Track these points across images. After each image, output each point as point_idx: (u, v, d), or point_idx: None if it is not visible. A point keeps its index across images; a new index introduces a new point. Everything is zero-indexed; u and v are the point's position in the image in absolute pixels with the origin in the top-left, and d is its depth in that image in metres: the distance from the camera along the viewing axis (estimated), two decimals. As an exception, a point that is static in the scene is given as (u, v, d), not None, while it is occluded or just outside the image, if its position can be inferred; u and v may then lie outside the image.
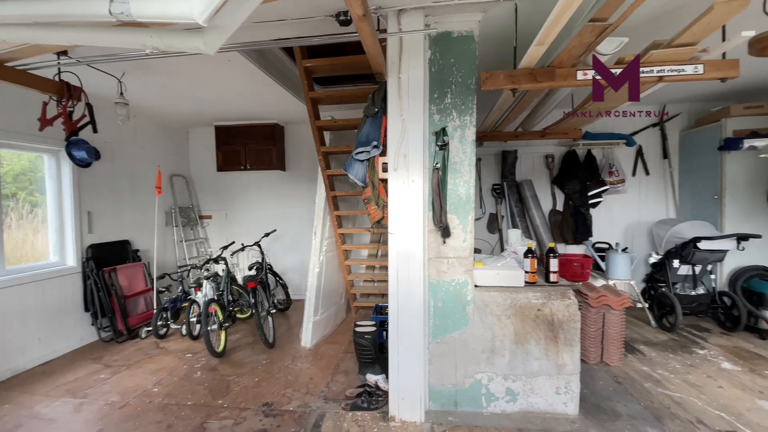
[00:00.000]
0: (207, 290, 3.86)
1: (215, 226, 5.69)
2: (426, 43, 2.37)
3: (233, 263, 5.16)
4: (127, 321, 3.95)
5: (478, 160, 5.17)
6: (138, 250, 4.51)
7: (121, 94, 3.40)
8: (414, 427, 2.37)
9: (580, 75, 2.06)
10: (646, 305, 4.14)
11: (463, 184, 2.42)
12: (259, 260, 4.71)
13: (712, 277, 3.98)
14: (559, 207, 5.06)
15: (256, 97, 4.09)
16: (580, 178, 4.74)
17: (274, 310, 4.12)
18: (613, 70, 2.00)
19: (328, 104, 3.68)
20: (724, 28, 2.12)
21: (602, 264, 4.43)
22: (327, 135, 3.91)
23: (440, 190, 2.28)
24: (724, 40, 2.00)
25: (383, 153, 2.46)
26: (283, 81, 3.64)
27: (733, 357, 3.24)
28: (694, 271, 3.84)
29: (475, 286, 2.49)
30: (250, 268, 4.54)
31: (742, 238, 3.59)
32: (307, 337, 3.70)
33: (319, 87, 4.03)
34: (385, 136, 2.39)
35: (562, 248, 4.98)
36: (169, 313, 4.07)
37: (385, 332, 3.24)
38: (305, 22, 2.39)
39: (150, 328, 3.97)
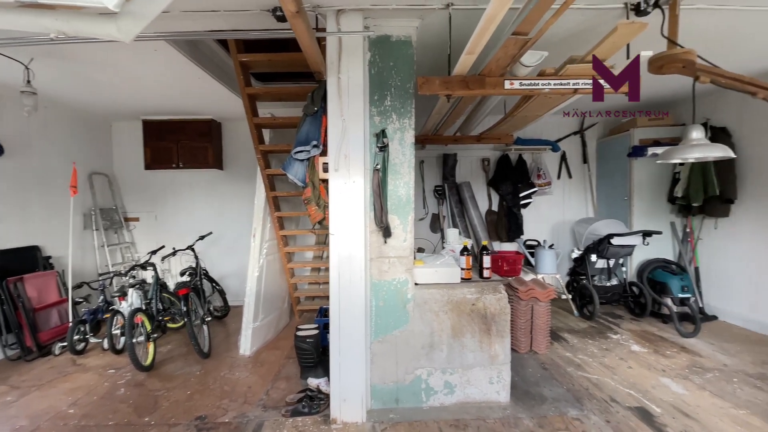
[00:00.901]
0: (133, 299, 3.54)
1: (143, 229, 5.23)
2: (366, 45, 2.39)
3: (164, 269, 4.78)
4: (37, 336, 3.49)
5: (421, 162, 5.33)
6: (50, 257, 4.01)
7: (28, 82, 3.01)
8: (355, 428, 2.37)
9: (507, 84, 2.21)
10: (570, 296, 4.55)
11: (403, 185, 2.48)
12: (193, 265, 4.41)
13: (624, 269, 4.48)
14: (495, 207, 5.38)
15: (188, 91, 3.84)
16: (513, 180, 5.09)
17: (209, 318, 3.89)
18: (535, 81, 2.18)
19: (267, 101, 3.57)
20: (628, 47, 2.41)
21: (532, 260, 4.79)
22: (267, 133, 3.78)
23: (381, 191, 2.31)
24: (628, 58, 2.26)
25: (323, 153, 2.43)
26: (219, 75, 3.46)
27: (641, 340, 3.67)
28: (608, 264, 4.29)
29: (416, 284, 2.56)
30: (182, 274, 4.25)
31: (646, 234, 4.09)
32: (246, 345, 3.55)
33: (259, 83, 3.89)
34: (326, 135, 2.38)
35: (498, 246, 5.30)
36: (87, 326, 3.66)
37: (328, 334, 3.20)
38: (241, 15, 2.29)
39: (65, 344, 3.54)
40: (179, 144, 4.83)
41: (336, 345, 2.42)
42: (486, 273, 2.74)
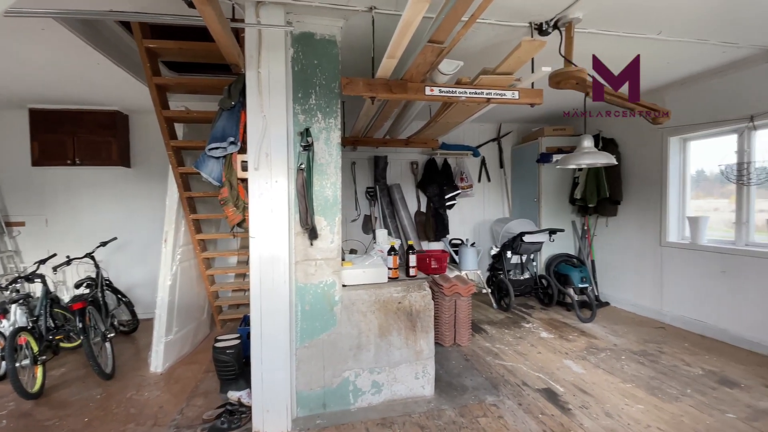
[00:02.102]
0: (16, 317, 3.02)
1: (30, 235, 4.47)
2: (288, 41, 2.32)
3: (57, 281, 4.15)
4: None
5: (353, 163, 5.34)
6: None
7: None
8: (280, 438, 2.28)
9: (428, 91, 2.30)
10: (489, 290, 4.90)
11: (330, 185, 2.44)
12: (93, 275, 3.89)
13: (534, 264, 4.95)
14: (423, 208, 5.58)
15: (87, 78, 3.38)
16: (439, 183, 5.33)
17: (113, 334, 3.45)
18: (453, 89, 2.31)
19: (180, 93, 3.28)
20: (533, 62, 2.66)
21: (456, 257, 5.07)
22: (180, 128, 3.47)
23: (305, 192, 2.25)
24: (533, 72, 2.50)
25: (242, 150, 2.30)
26: (125, 62, 3.10)
27: (549, 327, 4.07)
28: (521, 260, 4.71)
29: (343, 285, 2.54)
30: (77, 286, 3.72)
31: (552, 231, 4.57)
32: (157, 361, 3.22)
33: (173, 73, 3.56)
34: (244, 132, 2.25)
35: (426, 245, 5.51)
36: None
37: (252, 343, 3.03)
38: (146, -4, 2.08)
39: None
40: (76, 137, 4.22)
41: (258, 354, 2.30)
42: (412, 272, 2.82)
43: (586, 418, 2.41)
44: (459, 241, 5.26)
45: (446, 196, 5.30)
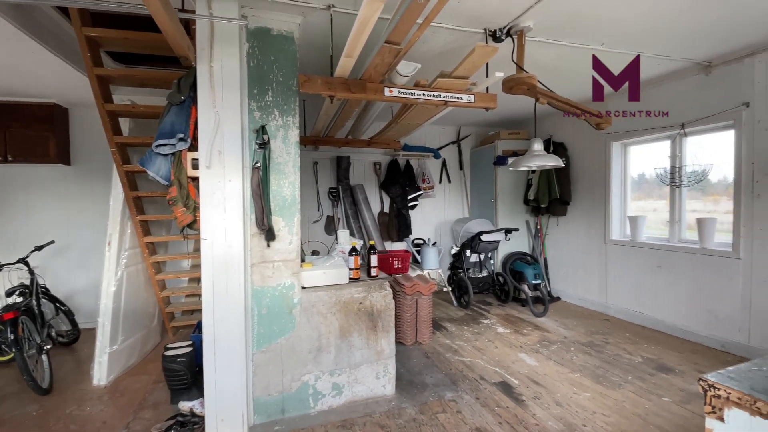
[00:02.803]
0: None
1: (-53, 239, 4.01)
2: (243, 35, 2.25)
3: (-18, 290, 3.74)
4: None
5: (315, 163, 5.27)
6: None
7: None
8: (236, 447, 2.19)
9: (387, 91, 2.32)
10: (450, 288, 5.01)
11: (288, 185, 2.39)
12: (26, 282, 3.54)
13: (492, 262, 5.13)
14: (386, 209, 5.61)
15: (19, 68, 3.09)
16: (401, 184, 5.39)
17: (50, 346, 3.17)
18: (411, 90, 2.34)
19: (125, 85, 3.07)
20: (488, 68, 2.76)
21: (418, 257, 5.14)
22: (125, 123, 3.26)
23: (262, 191, 2.18)
24: (487, 76, 2.59)
25: (193, 147, 2.20)
26: (63, 51, 2.85)
27: (505, 322, 4.23)
28: (480, 258, 4.86)
29: (303, 287, 2.49)
30: (8, 294, 3.37)
31: (508, 231, 4.76)
32: (101, 373, 2.99)
33: (119, 65, 3.33)
34: (195, 128, 2.15)
35: (389, 245, 5.54)
36: None
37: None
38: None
39: None
40: (8, 132, 3.84)
41: (211, 361, 2.20)
42: (374, 272, 2.82)
43: (538, 408, 2.52)
44: (421, 241, 5.35)
45: (409, 197, 5.37)
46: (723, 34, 2.79)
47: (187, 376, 2.62)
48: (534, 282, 4.54)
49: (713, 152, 3.52)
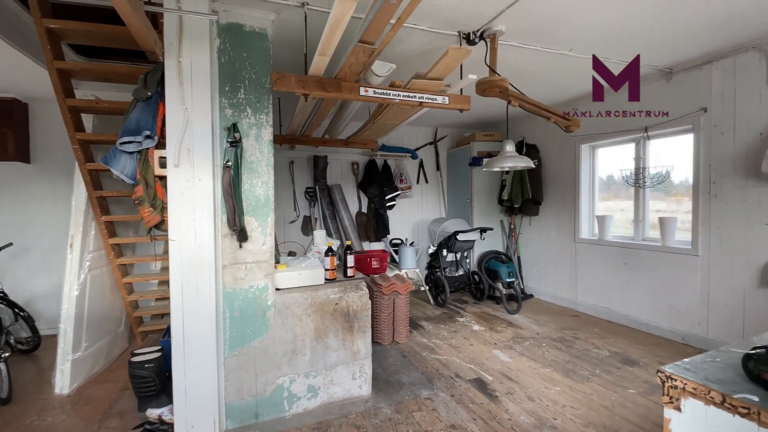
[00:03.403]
0: None
1: None
2: (214, 31, 2.19)
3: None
4: None
5: (291, 162, 5.19)
6: None
7: None
8: (207, 454, 2.13)
9: (362, 91, 2.32)
10: (427, 288, 5.06)
11: (261, 184, 2.35)
12: (-21, 288, 3.33)
13: (468, 261, 5.20)
14: (364, 209, 5.60)
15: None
16: (379, 184, 5.39)
17: (8, 354, 2.98)
18: (387, 91, 2.35)
19: (90, 80, 2.93)
20: (462, 70, 2.80)
21: (396, 257, 5.16)
22: (89, 119, 3.11)
23: (233, 191, 2.13)
24: (461, 78, 2.63)
25: (160, 145, 2.12)
26: (22, 43, 2.69)
27: (480, 320, 4.30)
28: (456, 257, 4.93)
29: (277, 289, 2.45)
30: (-42, 301, 3.16)
31: (483, 230, 4.85)
32: (64, 381, 2.84)
33: (82, 58, 3.17)
34: (163, 125, 2.07)
35: (367, 245, 5.54)
36: None
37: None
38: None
39: None
40: (-39, 127, 3.60)
41: (180, 366, 2.13)
42: (350, 272, 2.81)
43: (511, 403, 2.58)
44: (399, 241, 5.37)
45: (387, 197, 5.38)
46: (682, 42, 2.94)
47: (156, 382, 2.53)
48: (508, 280, 4.64)
49: (675, 155, 3.71)
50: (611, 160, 4.45)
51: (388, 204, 5.45)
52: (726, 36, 2.82)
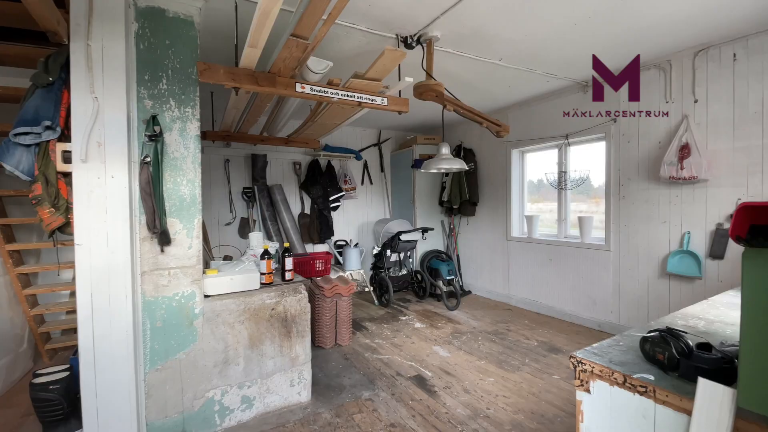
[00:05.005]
0: None
1: None
2: (131, 14, 1.99)
3: None
4: None
5: (227, 161, 4.91)
6: None
7: None
8: (122, 481, 1.92)
9: (299, 87, 2.25)
10: (371, 288, 5.07)
11: (186, 183, 2.17)
12: None
13: (411, 260, 5.31)
14: (307, 210, 5.47)
15: None
16: (323, 184, 5.30)
17: None
18: (325, 88, 2.30)
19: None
20: (399, 70, 2.84)
21: (340, 258, 5.11)
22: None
23: (152, 189, 1.95)
24: (399, 80, 2.66)
25: (64, 138, 1.88)
26: None
27: (422, 318, 4.40)
28: (400, 257, 5.00)
29: (206, 296, 2.29)
30: None
31: (424, 230, 4.98)
32: (-61, 415, 2.40)
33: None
34: (67, 116, 1.84)
35: (311, 248, 5.41)
36: None
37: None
38: None
39: None
40: None
41: (90, 385, 1.90)
42: (288, 275, 2.71)
43: (449, 397, 2.66)
44: (344, 242, 5.32)
45: (330, 198, 5.30)
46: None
47: (63, 405, 2.24)
48: (448, 278, 4.81)
49: (592, 160, 4.10)
50: (541, 164, 4.81)
51: (332, 205, 5.38)
52: (630, 54, 3.17)
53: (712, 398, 0.91)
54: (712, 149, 3.06)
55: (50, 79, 1.88)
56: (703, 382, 0.94)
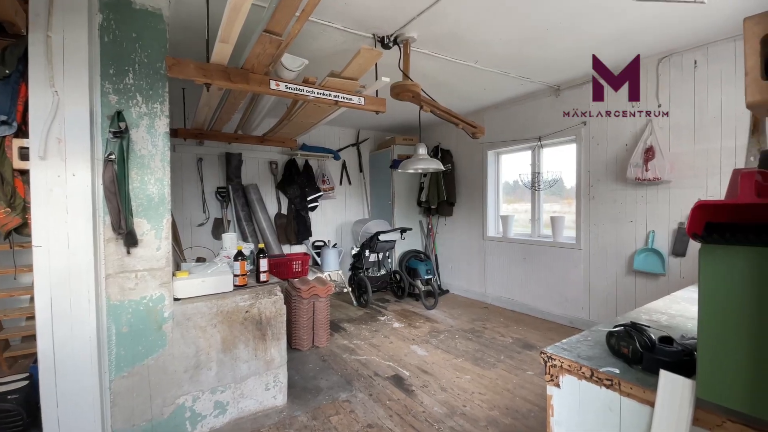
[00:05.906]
0: None
1: None
2: (95, 4, 1.90)
3: None
4: None
5: (200, 159, 4.77)
6: None
7: None
8: (85, 495, 1.83)
9: (273, 84, 2.21)
10: (350, 289, 5.04)
11: (154, 182, 2.09)
12: None
13: (389, 260, 5.32)
14: (284, 210, 5.38)
15: None
16: (300, 184, 5.23)
17: None
18: (300, 86, 2.27)
19: None
20: (376, 69, 2.83)
21: (318, 259, 5.06)
22: None
23: (117, 188, 1.86)
24: (376, 80, 2.66)
25: (22, 134, 1.77)
26: None
27: (401, 317, 4.41)
28: (378, 257, 5.00)
29: (176, 299, 2.21)
30: None
31: (403, 230, 4.99)
32: None
33: None
34: (25, 110, 1.73)
35: (288, 249, 5.33)
36: None
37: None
38: None
39: None
40: None
41: (51, 394, 1.80)
42: (263, 277, 2.66)
43: (426, 395, 2.68)
44: (322, 243, 5.27)
45: (308, 198, 5.23)
46: (565, 64, 3.36)
47: (22, 416, 2.13)
48: (426, 277, 4.84)
49: (565, 162, 4.23)
50: (516, 165, 4.92)
51: (309, 205, 5.32)
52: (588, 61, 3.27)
53: (673, 390, 0.95)
54: (675, 152, 3.22)
55: (6, 71, 1.77)
56: (664, 375, 0.98)
